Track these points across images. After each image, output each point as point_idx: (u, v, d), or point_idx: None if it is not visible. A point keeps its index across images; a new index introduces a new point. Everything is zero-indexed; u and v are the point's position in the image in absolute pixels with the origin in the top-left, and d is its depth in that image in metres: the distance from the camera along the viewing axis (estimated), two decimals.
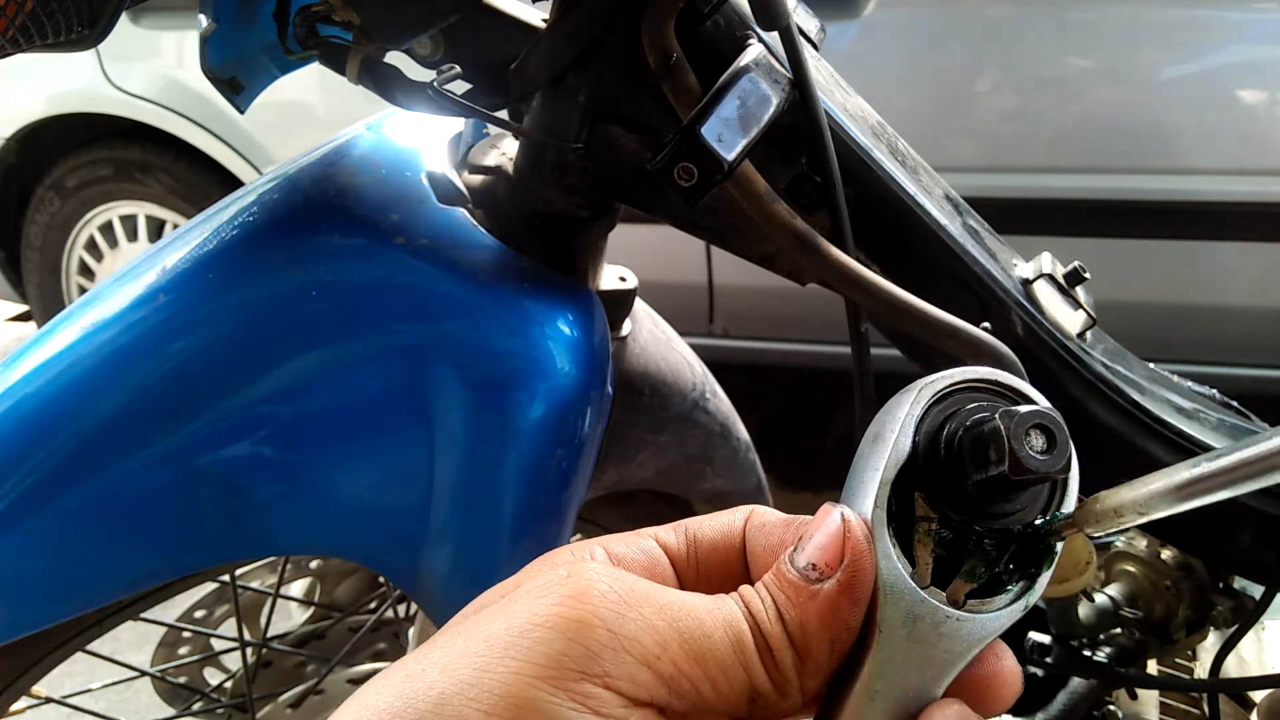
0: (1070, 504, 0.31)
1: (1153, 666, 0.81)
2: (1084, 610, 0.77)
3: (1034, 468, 0.28)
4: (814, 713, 0.31)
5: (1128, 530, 0.82)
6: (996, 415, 0.29)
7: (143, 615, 0.67)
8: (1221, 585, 0.77)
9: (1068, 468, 0.29)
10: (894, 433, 0.31)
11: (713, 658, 0.28)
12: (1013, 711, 0.79)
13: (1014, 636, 0.78)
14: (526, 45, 0.56)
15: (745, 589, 0.30)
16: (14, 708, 0.72)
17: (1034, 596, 0.30)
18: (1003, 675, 0.30)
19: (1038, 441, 0.29)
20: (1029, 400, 0.31)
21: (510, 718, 0.26)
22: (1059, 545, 0.31)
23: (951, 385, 0.32)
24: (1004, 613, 0.30)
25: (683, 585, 0.32)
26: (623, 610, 0.28)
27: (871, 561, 0.29)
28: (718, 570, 0.32)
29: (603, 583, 0.28)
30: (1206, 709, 0.84)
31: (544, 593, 0.28)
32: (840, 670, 0.30)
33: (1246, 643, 0.86)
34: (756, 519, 0.33)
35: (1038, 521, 0.30)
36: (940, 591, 0.30)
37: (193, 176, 2.58)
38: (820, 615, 0.29)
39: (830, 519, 0.30)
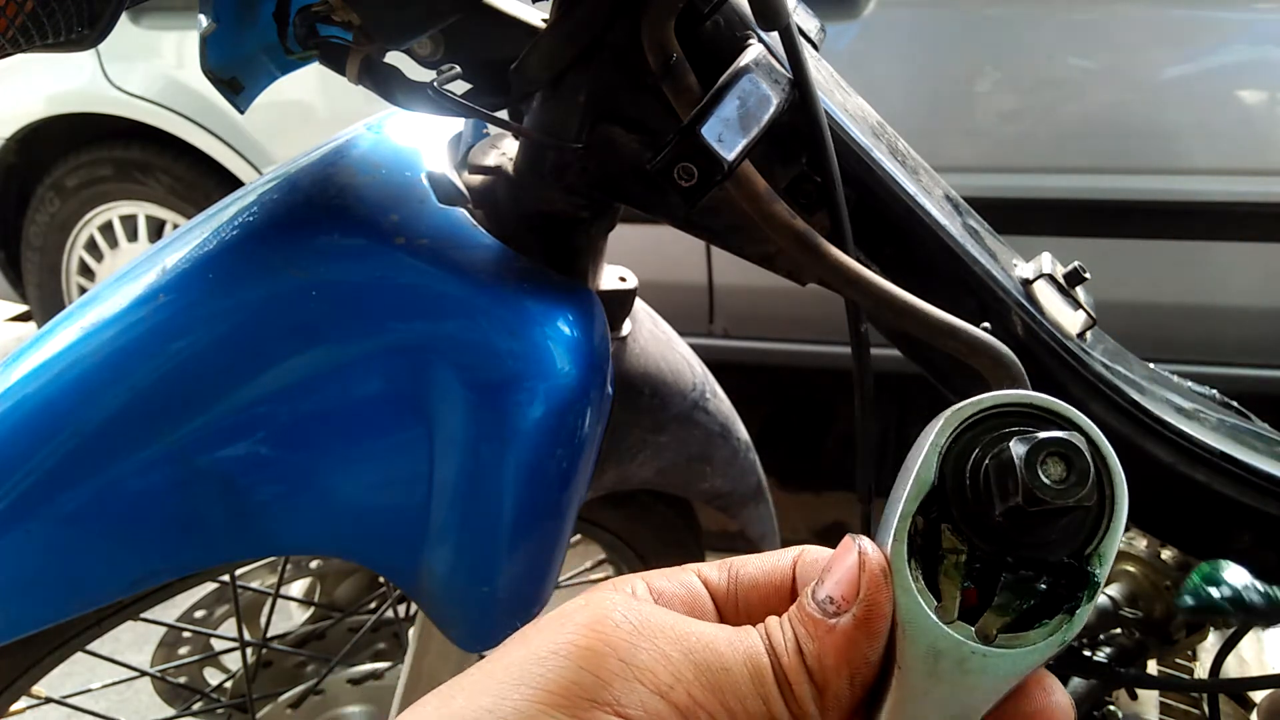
0: (1116, 533, 0.29)
1: (1153, 666, 0.81)
2: None
3: (1048, 498, 0.27)
4: None
5: (1127, 530, 0.82)
6: (1011, 443, 0.28)
7: (143, 615, 0.67)
8: None
9: (1093, 495, 0.28)
10: (917, 464, 0.30)
11: (731, 690, 0.28)
12: None
13: None
14: (526, 45, 0.56)
15: (770, 620, 0.30)
16: (14, 708, 0.72)
17: (1073, 631, 0.29)
18: (1050, 711, 0.29)
19: (1055, 470, 0.27)
20: (1068, 425, 0.30)
21: None
22: (1102, 575, 0.29)
23: (981, 411, 0.30)
24: (1038, 648, 0.28)
25: (723, 620, 0.32)
26: (636, 640, 0.28)
27: (888, 595, 0.29)
28: (759, 607, 0.32)
29: (618, 612, 0.29)
30: (1206, 709, 0.84)
31: (562, 621, 0.29)
32: (867, 702, 0.30)
33: (1246, 643, 0.86)
34: (808, 556, 0.33)
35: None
36: (969, 626, 0.29)
37: (193, 176, 2.58)
38: (837, 649, 0.29)
39: (849, 553, 0.30)
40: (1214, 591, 0.30)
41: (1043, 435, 0.28)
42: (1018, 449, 0.28)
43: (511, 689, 0.28)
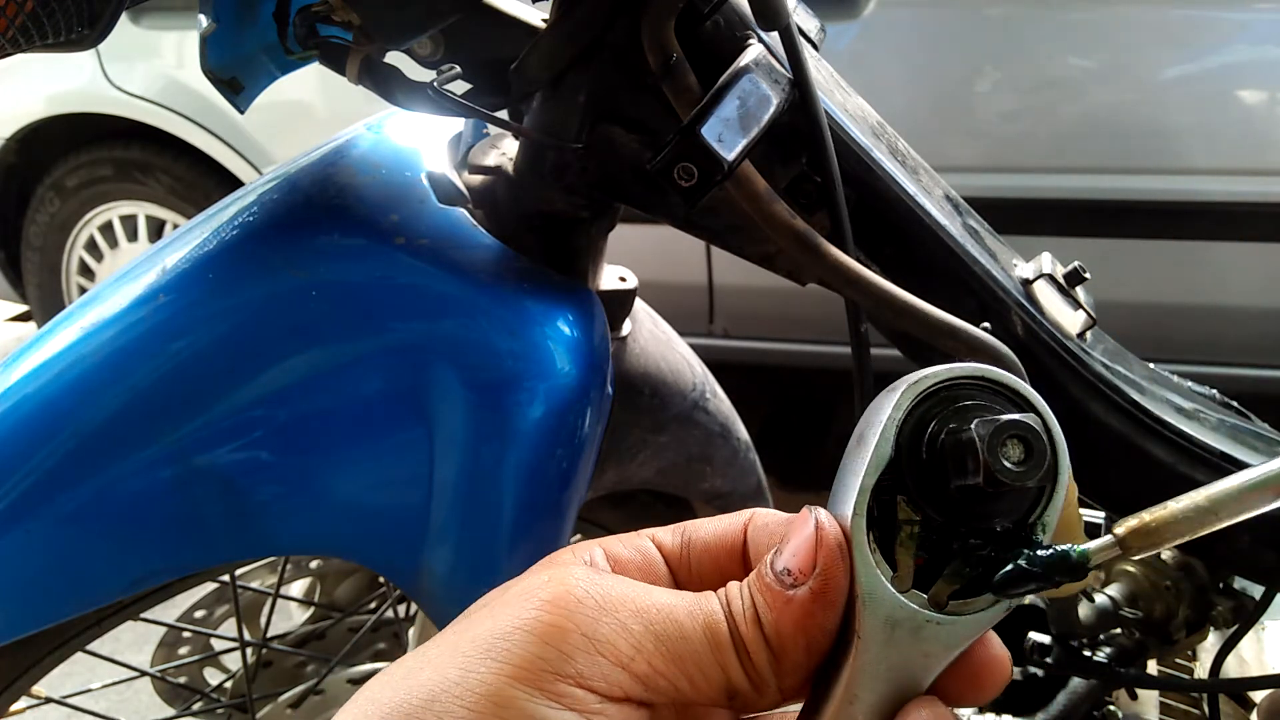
0: (1058, 504, 0.30)
1: (1153, 666, 0.81)
2: (1084, 610, 0.77)
3: (1009, 480, 0.28)
4: (797, 703, 0.32)
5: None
6: (972, 424, 0.29)
7: (143, 615, 0.67)
8: (1221, 585, 0.77)
9: (1049, 476, 0.29)
10: (875, 437, 0.30)
11: (690, 658, 0.29)
12: (1013, 711, 0.79)
13: (1014, 637, 0.78)
14: (526, 45, 0.56)
15: (731, 586, 0.31)
16: (14, 708, 0.72)
17: (1019, 598, 0.30)
18: (990, 665, 0.31)
19: (1014, 451, 0.28)
20: (1017, 397, 0.31)
21: (491, 715, 0.27)
22: (1045, 543, 0.30)
23: (937, 384, 0.31)
24: (985, 614, 0.30)
25: (677, 584, 0.34)
26: (598, 615, 0.29)
27: (844, 568, 0.30)
28: (710, 571, 0.33)
29: (580, 588, 0.30)
30: (1206, 709, 0.84)
31: (527, 597, 0.30)
32: (823, 667, 0.31)
33: (1246, 643, 0.86)
34: (759, 520, 0.34)
35: (1072, 552, 0.30)
36: (922, 595, 0.30)
37: (193, 176, 2.58)
38: (794, 620, 0.29)
39: (806, 524, 0.30)
40: (1017, 564, 0.30)
41: (1004, 418, 0.29)
42: (980, 431, 0.28)
43: (478, 662, 0.28)
